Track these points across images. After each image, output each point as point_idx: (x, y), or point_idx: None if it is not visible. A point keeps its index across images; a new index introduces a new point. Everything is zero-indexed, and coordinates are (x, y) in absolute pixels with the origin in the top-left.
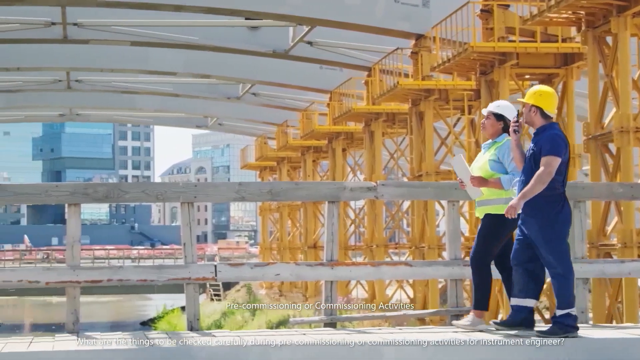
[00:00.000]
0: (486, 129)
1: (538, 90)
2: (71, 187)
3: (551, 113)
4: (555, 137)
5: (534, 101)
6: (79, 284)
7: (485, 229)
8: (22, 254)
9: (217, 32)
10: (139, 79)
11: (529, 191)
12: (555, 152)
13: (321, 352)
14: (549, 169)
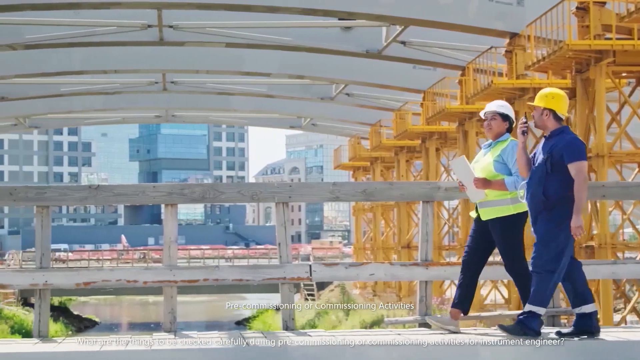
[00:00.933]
0: (493, 130)
1: (550, 93)
2: (168, 187)
3: (563, 115)
4: (577, 141)
5: (545, 104)
6: (175, 284)
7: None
8: (120, 254)
9: (311, 32)
10: (233, 80)
11: (579, 203)
12: (583, 157)
13: (416, 352)
14: (583, 175)
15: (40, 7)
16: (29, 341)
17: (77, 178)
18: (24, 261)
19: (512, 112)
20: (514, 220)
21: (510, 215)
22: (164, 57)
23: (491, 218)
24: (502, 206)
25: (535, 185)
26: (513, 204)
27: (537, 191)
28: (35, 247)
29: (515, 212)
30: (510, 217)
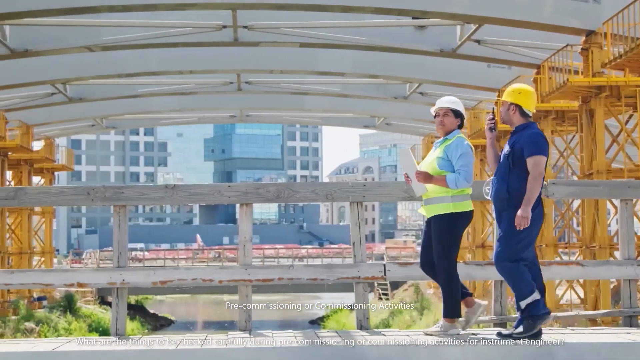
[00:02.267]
0: (445, 126)
1: (517, 89)
2: (243, 187)
3: (530, 112)
4: (538, 136)
5: (512, 99)
6: (250, 283)
7: (439, 232)
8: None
9: (385, 32)
10: (307, 79)
11: (530, 196)
12: (541, 151)
13: (491, 352)
14: (540, 169)
15: (117, 9)
16: (106, 339)
17: (153, 178)
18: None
19: (463, 109)
20: (452, 219)
21: (450, 214)
22: (238, 57)
23: (432, 215)
24: (442, 204)
25: (499, 182)
26: (453, 202)
27: (501, 187)
28: (112, 246)
29: (455, 211)
30: (449, 216)
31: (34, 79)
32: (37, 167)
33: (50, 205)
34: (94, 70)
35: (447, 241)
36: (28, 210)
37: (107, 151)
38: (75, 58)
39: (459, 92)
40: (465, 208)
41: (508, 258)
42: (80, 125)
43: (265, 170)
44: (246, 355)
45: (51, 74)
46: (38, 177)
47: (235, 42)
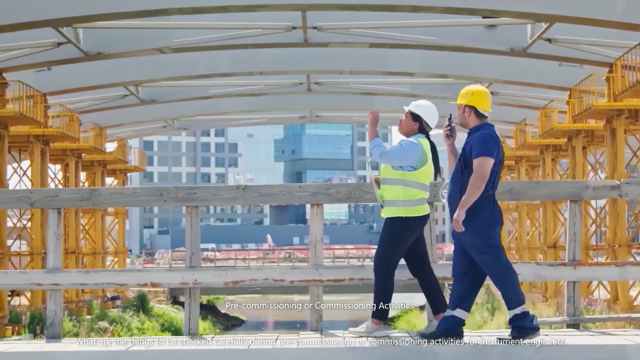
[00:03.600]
0: (401, 127)
1: (470, 90)
2: (314, 187)
3: (485, 112)
4: (486, 136)
5: (466, 101)
6: (322, 283)
7: (385, 234)
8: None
9: (454, 31)
10: (377, 80)
11: (467, 199)
12: (487, 152)
13: (564, 352)
14: (483, 172)
15: (188, 12)
16: (180, 339)
17: (224, 178)
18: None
19: (429, 114)
20: (400, 223)
21: (399, 218)
22: (308, 58)
23: (386, 217)
24: (393, 207)
25: (451, 184)
26: (404, 206)
27: (454, 190)
28: (185, 246)
29: (405, 215)
30: (397, 220)
31: (106, 81)
32: (110, 168)
33: (123, 206)
34: (165, 72)
35: (389, 245)
36: (102, 211)
37: (179, 152)
38: (147, 60)
39: (529, 91)
40: (416, 213)
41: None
42: (152, 126)
43: (335, 171)
44: (318, 355)
45: (124, 76)
46: (111, 178)
47: (305, 43)
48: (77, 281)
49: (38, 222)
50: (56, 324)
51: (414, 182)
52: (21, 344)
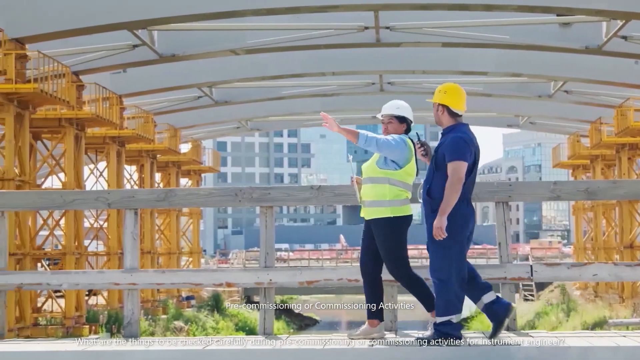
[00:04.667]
0: (388, 133)
1: (443, 88)
2: None
3: (459, 111)
4: (459, 140)
5: (439, 99)
6: (396, 283)
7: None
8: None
9: (528, 30)
10: (450, 79)
11: (446, 205)
12: (460, 156)
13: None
14: (458, 175)
15: (261, 13)
16: (255, 338)
17: (296, 179)
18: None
19: (409, 112)
20: (392, 222)
21: (389, 218)
22: (380, 58)
23: (371, 218)
24: (379, 207)
25: (424, 184)
26: (391, 206)
27: (425, 190)
28: (259, 246)
29: (393, 215)
30: (387, 220)
31: (181, 82)
32: (185, 169)
33: (198, 206)
34: (239, 73)
35: (392, 245)
36: (176, 212)
37: (252, 153)
38: (220, 61)
39: (605, 89)
40: (402, 212)
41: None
42: (226, 127)
43: None
44: (393, 355)
45: (198, 78)
46: (185, 179)
47: (377, 43)
48: (153, 281)
49: (114, 223)
50: (133, 323)
51: (398, 182)
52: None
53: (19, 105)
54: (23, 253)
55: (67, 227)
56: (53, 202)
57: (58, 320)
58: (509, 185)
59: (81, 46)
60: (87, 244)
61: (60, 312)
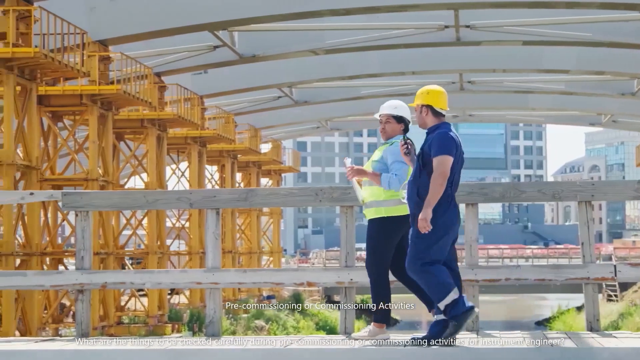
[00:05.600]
0: (387, 133)
1: (425, 89)
2: (469, 187)
3: (443, 110)
4: (444, 135)
5: (422, 100)
6: (477, 283)
7: (370, 237)
8: None
9: (611, 27)
10: (530, 78)
11: (431, 198)
12: (446, 150)
13: None
14: (442, 169)
15: (340, 13)
16: (336, 338)
17: None
18: (327, 260)
19: (407, 112)
20: (383, 223)
21: (381, 218)
22: (460, 57)
23: (369, 218)
24: (377, 207)
25: (410, 184)
26: (385, 206)
27: (412, 190)
28: (339, 246)
29: (387, 215)
30: (380, 220)
31: (261, 83)
32: (265, 168)
33: (279, 206)
34: (318, 73)
35: (376, 246)
36: (257, 211)
37: (332, 153)
38: (300, 62)
39: None
40: (397, 212)
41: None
42: (306, 127)
43: (488, 170)
44: (474, 355)
45: (278, 78)
46: (266, 179)
47: (457, 42)
48: (235, 280)
49: (196, 222)
50: (215, 322)
51: None
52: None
53: (102, 106)
54: (107, 252)
55: (149, 226)
56: (136, 202)
57: (141, 319)
58: (591, 184)
59: (163, 47)
60: (169, 243)
61: (143, 310)
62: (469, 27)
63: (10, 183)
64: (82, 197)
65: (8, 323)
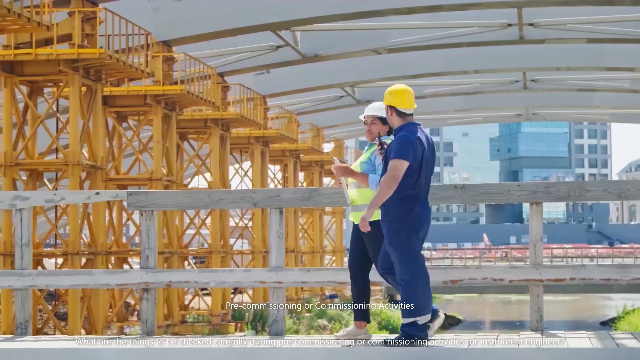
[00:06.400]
0: (373, 134)
1: (389, 90)
2: (533, 186)
3: (407, 110)
4: (404, 139)
5: (386, 102)
6: (542, 282)
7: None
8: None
9: None
10: (595, 76)
11: (376, 199)
12: (401, 155)
13: None
14: (394, 173)
15: (403, 12)
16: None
17: (439, 178)
18: None
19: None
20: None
21: (375, 221)
22: (524, 55)
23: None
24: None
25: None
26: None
27: None
28: None
29: (376, 218)
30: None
31: (323, 82)
32: (328, 168)
33: (342, 205)
34: (380, 72)
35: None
36: (320, 211)
37: None
38: (362, 61)
39: None
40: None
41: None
42: None
43: (552, 169)
44: (539, 355)
45: (340, 78)
46: (328, 178)
47: (521, 40)
48: (298, 279)
49: (259, 222)
50: (279, 321)
51: None
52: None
53: (166, 106)
54: (171, 252)
55: (213, 226)
56: (200, 201)
57: (204, 318)
58: None
59: (225, 48)
60: (232, 242)
61: (206, 309)
62: (533, 25)
63: (76, 183)
64: (147, 197)
65: (74, 321)
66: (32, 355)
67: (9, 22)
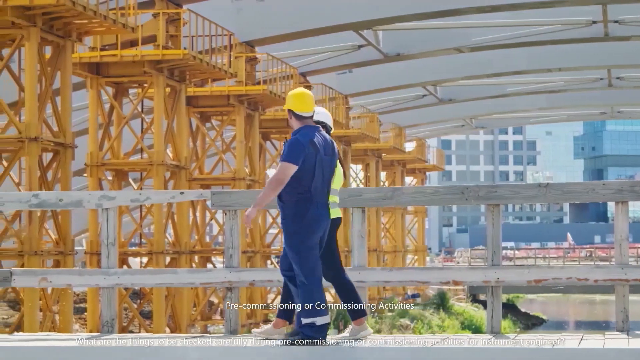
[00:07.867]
0: None
1: (288, 94)
2: (618, 184)
3: (305, 113)
4: (295, 142)
5: (285, 106)
6: (627, 282)
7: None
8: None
9: None
10: None
11: (260, 199)
12: (289, 158)
13: None
14: (279, 176)
15: (485, 10)
16: (483, 337)
17: (522, 177)
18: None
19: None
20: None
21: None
22: (609, 52)
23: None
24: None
25: None
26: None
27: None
28: (485, 244)
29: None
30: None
31: (405, 81)
32: (410, 167)
33: (424, 204)
34: (462, 71)
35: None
36: (402, 210)
37: (477, 151)
38: (444, 60)
39: None
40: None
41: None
42: (450, 125)
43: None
44: (625, 356)
45: (422, 76)
46: (410, 177)
47: (606, 37)
48: (381, 278)
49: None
50: None
51: None
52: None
53: (249, 106)
54: (254, 251)
55: None
56: None
57: None
58: None
59: (307, 48)
60: None
61: None
62: (618, 22)
63: (161, 183)
64: (230, 196)
65: (159, 320)
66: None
67: (95, 25)
